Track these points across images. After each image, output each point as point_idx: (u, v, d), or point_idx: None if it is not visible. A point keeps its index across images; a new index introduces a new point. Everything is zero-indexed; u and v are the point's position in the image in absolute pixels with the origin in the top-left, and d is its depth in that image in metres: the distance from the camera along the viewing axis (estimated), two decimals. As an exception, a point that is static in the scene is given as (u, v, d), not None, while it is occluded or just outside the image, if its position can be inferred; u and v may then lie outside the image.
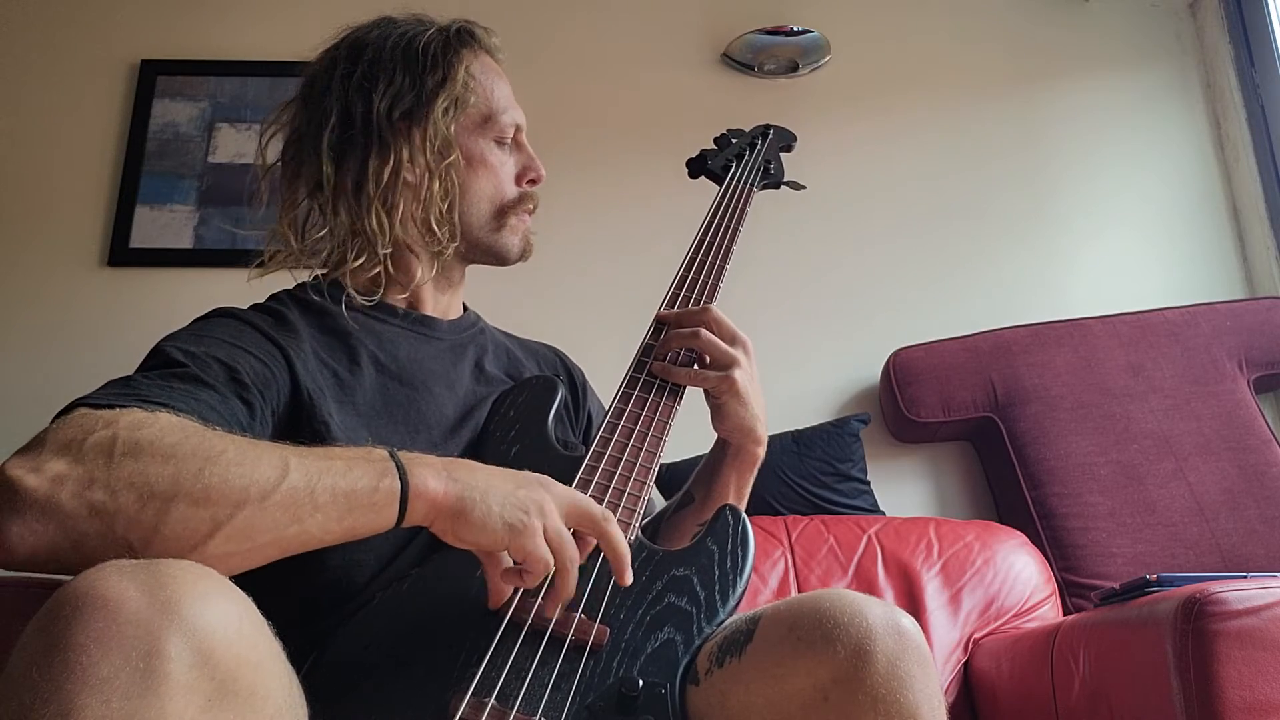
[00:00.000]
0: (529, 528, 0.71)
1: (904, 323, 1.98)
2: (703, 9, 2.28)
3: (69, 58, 2.22)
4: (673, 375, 0.97)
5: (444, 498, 0.71)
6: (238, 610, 0.57)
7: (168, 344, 0.83)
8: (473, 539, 0.71)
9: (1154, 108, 2.20)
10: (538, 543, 0.71)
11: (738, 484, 1.01)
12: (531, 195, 1.09)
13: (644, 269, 1.60)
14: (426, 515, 0.71)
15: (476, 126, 1.05)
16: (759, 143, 1.30)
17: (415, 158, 1.00)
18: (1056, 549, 1.67)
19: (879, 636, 0.67)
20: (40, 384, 1.95)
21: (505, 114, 1.07)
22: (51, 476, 0.61)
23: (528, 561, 0.71)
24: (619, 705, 0.71)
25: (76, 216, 2.10)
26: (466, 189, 1.04)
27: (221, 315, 0.92)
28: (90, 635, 0.51)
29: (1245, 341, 1.82)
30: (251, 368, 0.84)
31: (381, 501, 0.69)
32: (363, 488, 0.68)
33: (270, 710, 0.57)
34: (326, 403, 0.89)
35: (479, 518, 0.71)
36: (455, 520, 0.71)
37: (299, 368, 0.88)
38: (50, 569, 0.62)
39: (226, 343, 0.85)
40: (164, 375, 0.78)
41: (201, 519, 0.63)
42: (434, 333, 1.05)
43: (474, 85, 1.04)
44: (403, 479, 0.70)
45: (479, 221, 1.05)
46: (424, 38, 1.04)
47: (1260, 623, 0.92)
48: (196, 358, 0.81)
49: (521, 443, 0.96)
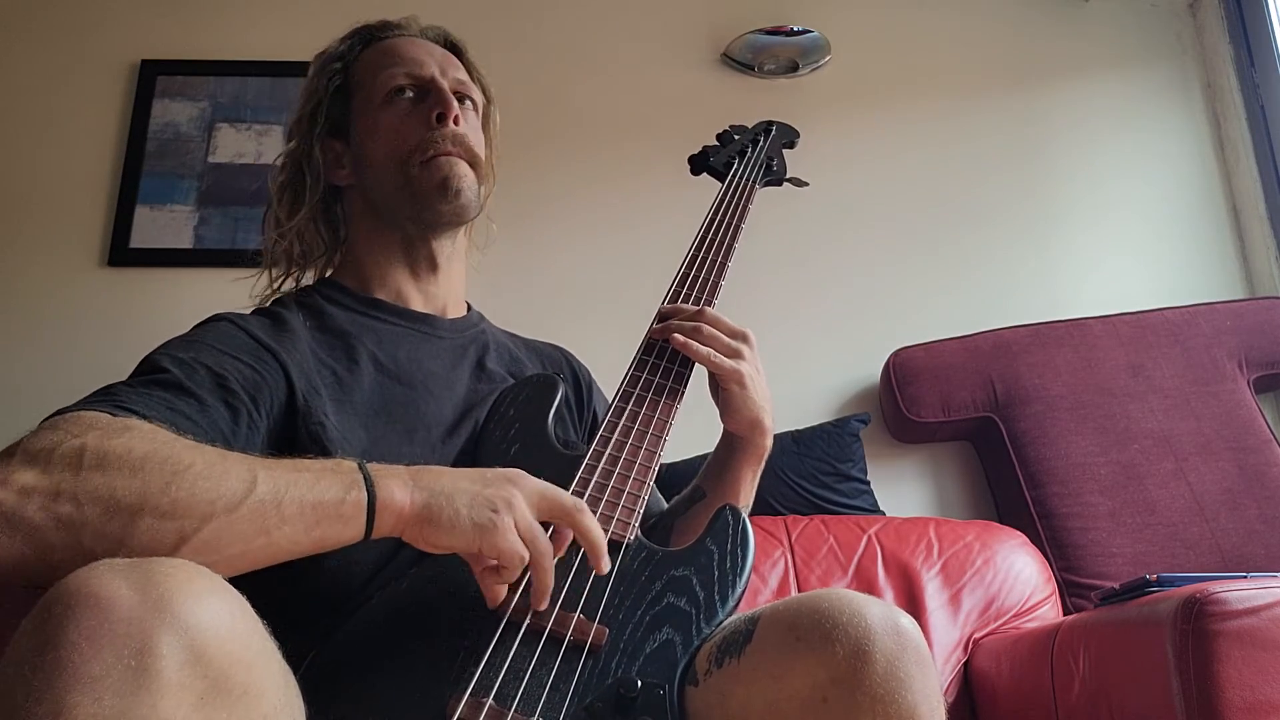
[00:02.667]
0: (498, 525, 0.71)
1: (904, 323, 1.98)
2: (703, 9, 2.28)
3: (69, 58, 2.22)
4: (690, 350, 0.97)
5: (410, 506, 0.71)
6: (231, 608, 0.56)
7: (158, 352, 0.85)
8: (445, 543, 0.71)
9: (1154, 108, 2.20)
10: (510, 539, 0.71)
11: (750, 477, 1.02)
12: (432, 136, 1.05)
13: (644, 268, 1.60)
14: (395, 525, 0.71)
15: (366, 103, 1.09)
16: (761, 139, 1.29)
17: (341, 160, 1.10)
18: (1056, 549, 1.67)
19: (878, 636, 0.67)
20: (40, 384, 1.95)
21: (381, 74, 1.09)
22: (19, 488, 0.61)
23: (501, 558, 0.71)
24: (617, 706, 0.71)
25: (76, 216, 2.10)
26: (370, 161, 1.08)
27: (217, 321, 0.93)
28: (82, 633, 0.51)
29: (1245, 341, 1.82)
30: (240, 373, 0.84)
31: (349, 513, 0.69)
32: (330, 499, 0.68)
33: (264, 709, 0.56)
34: (323, 403, 0.89)
35: (447, 521, 0.71)
36: (424, 527, 0.71)
37: (294, 370, 0.89)
38: (17, 581, 0.61)
39: (216, 349, 0.86)
40: (146, 383, 0.79)
41: (168, 531, 0.63)
42: (435, 332, 1.06)
43: (357, 75, 1.11)
44: (370, 490, 0.70)
45: (394, 182, 1.06)
46: (330, 51, 1.13)
47: (1260, 623, 0.92)
48: (183, 363, 0.82)
49: (521, 441, 0.95)
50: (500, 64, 1.15)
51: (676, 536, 1.03)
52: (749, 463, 1.01)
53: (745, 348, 0.98)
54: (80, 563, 0.59)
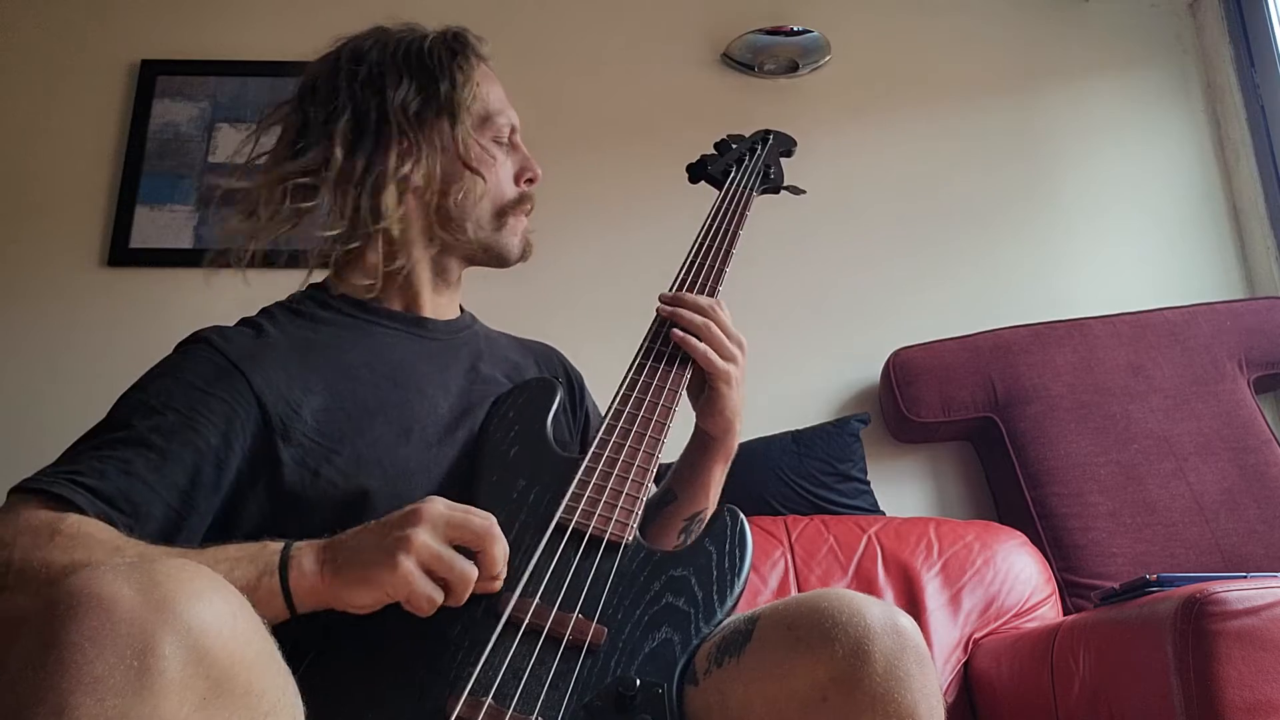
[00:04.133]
0: (398, 568, 0.69)
1: (904, 323, 1.98)
2: (703, 9, 2.28)
3: (69, 58, 2.23)
4: (688, 345, 1.00)
5: (321, 576, 0.71)
6: (232, 609, 0.57)
7: (133, 393, 0.87)
8: (361, 601, 0.71)
9: (1154, 108, 2.20)
10: (410, 581, 0.69)
11: (718, 477, 1.06)
12: (529, 195, 1.11)
13: (643, 269, 1.60)
14: (315, 598, 0.71)
15: (476, 128, 1.06)
16: (759, 148, 1.30)
17: (423, 159, 1.02)
18: (1056, 549, 1.67)
19: (877, 636, 0.67)
20: (40, 384, 1.95)
21: (501, 115, 1.09)
22: None
23: (410, 601, 0.70)
24: (616, 704, 0.71)
25: (76, 216, 2.10)
26: (469, 190, 1.05)
27: (195, 343, 0.93)
28: (84, 634, 0.51)
29: (1245, 341, 1.82)
30: (211, 409, 0.86)
31: (264, 597, 0.69)
32: (245, 586, 0.68)
33: (265, 708, 0.57)
34: (302, 420, 0.89)
35: (356, 579, 0.70)
36: (339, 591, 0.71)
37: (267, 394, 0.88)
38: None
39: (190, 383, 0.87)
40: (110, 443, 0.82)
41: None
42: (428, 333, 1.05)
43: (475, 89, 1.06)
44: (283, 571, 0.70)
45: (480, 222, 1.07)
46: (426, 44, 1.06)
47: (1260, 623, 0.92)
48: (152, 411, 0.84)
49: (520, 444, 0.96)
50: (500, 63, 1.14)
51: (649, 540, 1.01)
52: (719, 462, 1.05)
53: (739, 353, 1.01)
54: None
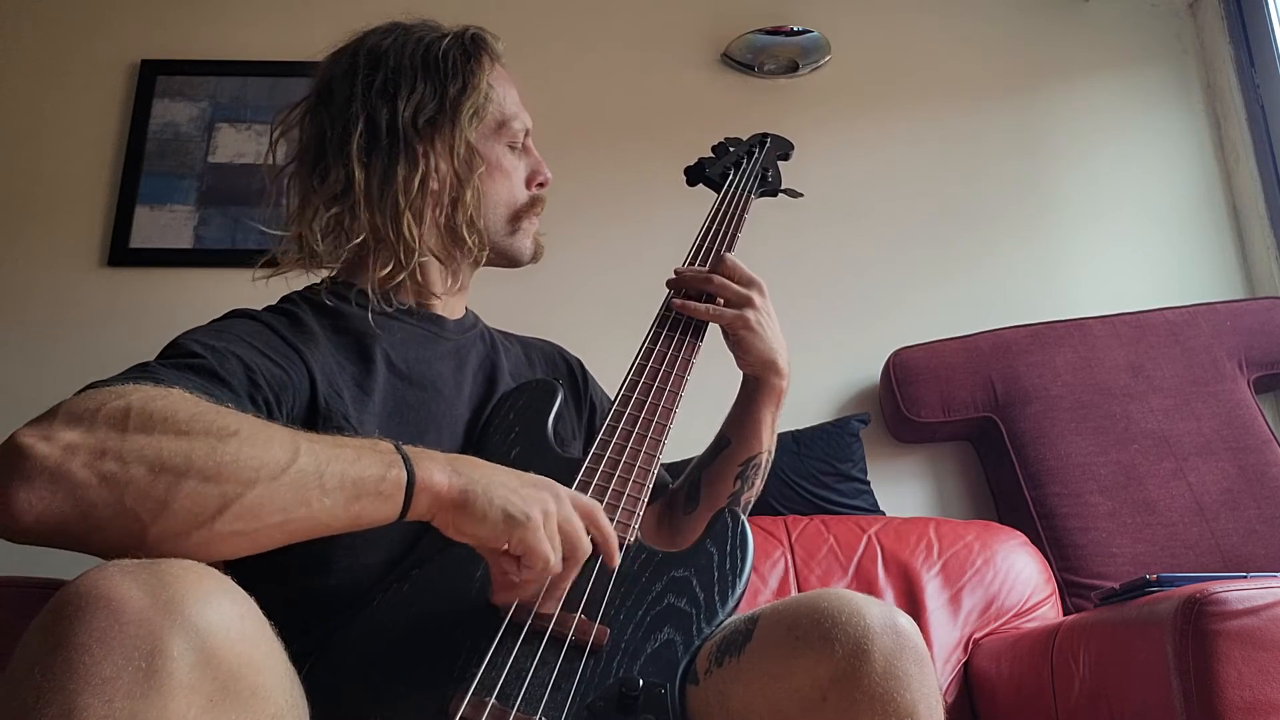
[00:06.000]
0: (530, 522, 0.72)
1: (904, 323, 1.98)
2: (703, 9, 2.28)
3: (69, 58, 2.22)
4: (690, 309, 1.02)
5: (448, 491, 0.72)
6: (240, 610, 0.57)
7: (186, 337, 0.84)
8: (473, 532, 0.72)
9: (1154, 108, 2.20)
10: (538, 537, 0.72)
11: (769, 419, 1.08)
12: (540, 198, 1.12)
13: (643, 269, 1.59)
14: (430, 508, 0.72)
15: (492, 132, 1.07)
16: (756, 151, 1.31)
17: (439, 165, 1.02)
18: (1056, 549, 1.67)
19: (877, 636, 0.68)
20: (40, 384, 1.95)
21: (516, 119, 1.09)
22: (63, 445, 0.61)
23: (527, 555, 0.72)
24: (619, 705, 0.71)
25: (76, 216, 2.10)
26: (485, 195, 1.05)
27: (241, 316, 0.93)
28: (93, 635, 0.51)
29: (1245, 341, 1.82)
30: (268, 370, 0.84)
31: (388, 490, 0.69)
32: (370, 475, 0.69)
33: (272, 710, 0.57)
34: (344, 405, 0.89)
35: (480, 510, 0.71)
36: (457, 513, 0.72)
37: (316, 372, 0.88)
38: (56, 539, 0.61)
39: (246, 342, 0.85)
40: (180, 365, 0.78)
41: (211, 495, 0.63)
42: (442, 332, 1.06)
43: (490, 92, 1.06)
44: (409, 470, 0.71)
45: (495, 226, 1.08)
46: (442, 45, 1.05)
47: (1260, 623, 0.92)
48: (216, 351, 0.81)
49: (521, 445, 0.96)
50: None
51: (705, 486, 1.08)
52: (767, 403, 1.07)
53: (756, 295, 1.04)
54: (120, 523, 0.60)
